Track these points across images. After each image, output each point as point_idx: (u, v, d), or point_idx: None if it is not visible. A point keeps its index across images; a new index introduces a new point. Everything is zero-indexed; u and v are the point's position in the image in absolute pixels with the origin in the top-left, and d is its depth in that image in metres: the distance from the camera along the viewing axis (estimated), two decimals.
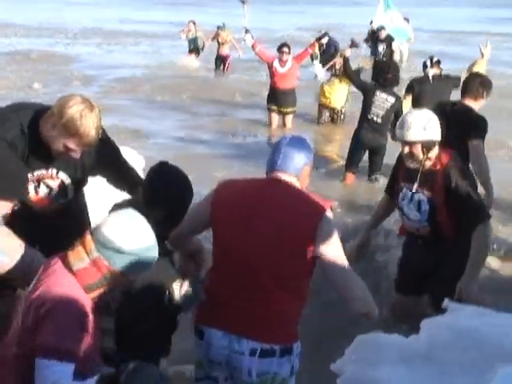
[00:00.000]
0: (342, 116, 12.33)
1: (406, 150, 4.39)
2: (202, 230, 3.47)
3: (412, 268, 4.83)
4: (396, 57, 17.63)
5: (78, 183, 3.70)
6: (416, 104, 8.57)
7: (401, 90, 9.47)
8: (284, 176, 3.24)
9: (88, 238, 2.66)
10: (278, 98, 11.91)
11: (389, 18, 16.30)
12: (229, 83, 17.93)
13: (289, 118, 12.13)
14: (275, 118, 12.10)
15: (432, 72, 9.04)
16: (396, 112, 8.23)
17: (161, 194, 3.18)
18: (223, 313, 3.16)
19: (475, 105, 5.98)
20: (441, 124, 4.51)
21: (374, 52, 17.73)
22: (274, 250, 3.13)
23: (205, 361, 3.26)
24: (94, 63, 20.53)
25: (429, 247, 4.69)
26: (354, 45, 11.13)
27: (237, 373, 3.18)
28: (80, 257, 2.66)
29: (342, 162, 9.46)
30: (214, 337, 3.17)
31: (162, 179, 3.24)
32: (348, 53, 10.17)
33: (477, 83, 5.97)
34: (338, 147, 11.24)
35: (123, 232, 2.63)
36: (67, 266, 2.67)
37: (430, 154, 4.40)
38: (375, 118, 8.41)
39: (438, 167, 4.42)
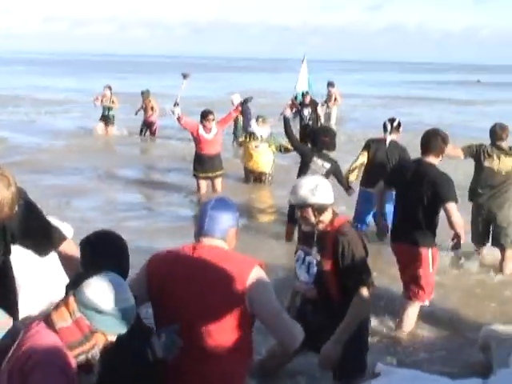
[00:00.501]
0: (270, 177, 12.96)
1: (298, 213, 4.57)
2: (145, 298, 3.49)
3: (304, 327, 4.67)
4: (321, 120, 18.01)
5: (4, 252, 3.62)
6: (371, 163, 8.82)
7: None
8: (211, 240, 3.37)
9: (71, 299, 2.81)
10: (205, 163, 12.00)
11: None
12: (156, 148, 18.03)
13: (218, 182, 12.23)
14: (203, 183, 12.15)
15: (390, 137, 8.90)
16: (335, 174, 8.54)
17: (101, 257, 3.28)
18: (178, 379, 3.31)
19: (437, 161, 6.12)
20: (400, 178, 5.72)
21: (300, 116, 18.08)
22: (209, 310, 3.24)
23: None
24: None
25: (317, 309, 4.71)
26: (294, 105, 11.56)
27: None
28: (63, 317, 2.79)
29: (277, 218, 10.19)
30: None
31: (101, 243, 3.39)
32: (288, 113, 10.18)
33: (439, 140, 6.10)
34: (269, 206, 11.95)
35: (104, 294, 2.79)
36: (50, 324, 2.80)
37: (321, 218, 4.50)
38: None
39: (330, 231, 4.52)
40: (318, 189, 4.48)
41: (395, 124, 8.94)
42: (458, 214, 5.86)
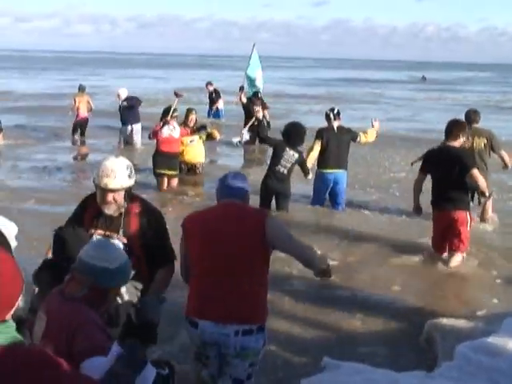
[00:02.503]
0: (201, 168, 13.31)
1: (110, 197, 4.30)
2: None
3: None
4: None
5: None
6: (325, 149, 10.29)
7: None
8: (235, 200, 4.26)
9: (75, 272, 3.22)
10: (167, 161, 12.12)
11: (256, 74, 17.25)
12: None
13: (176, 180, 12.37)
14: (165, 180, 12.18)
15: (336, 123, 10.51)
16: (300, 162, 10.00)
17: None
18: (210, 306, 4.07)
19: (457, 143, 7.96)
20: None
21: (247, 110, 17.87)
22: (239, 249, 4.10)
23: (200, 344, 4.16)
24: None
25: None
26: (265, 107, 12.33)
27: (225, 349, 4.11)
28: (77, 288, 3.19)
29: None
30: (205, 326, 4.08)
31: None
32: (260, 114, 12.40)
33: (457, 128, 7.94)
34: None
35: (103, 256, 3.22)
36: (69, 296, 3.19)
37: (126, 199, 4.40)
38: (282, 170, 9.93)
39: (133, 211, 4.43)
40: (132, 171, 4.37)
41: (335, 112, 10.57)
42: (481, 178, 7.76)
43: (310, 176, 10.36)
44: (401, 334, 6.14)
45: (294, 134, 9.83)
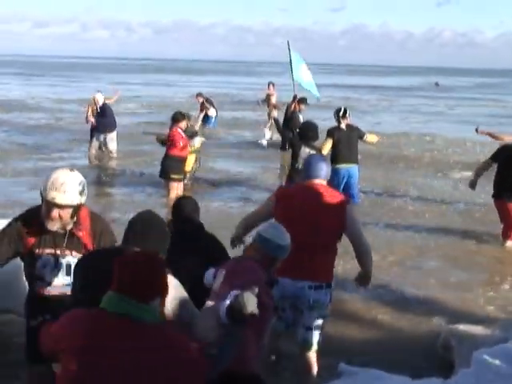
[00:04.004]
0: (191, 175, 13.21)
1: (56, 213, 3.96)
2: (265, 220, 5.06)
3: None
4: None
5: None
6: (336, 147, 10.99)
7: None
8: (319, 180, 5.12)
9: (254, 244, 4.22)
10: (182, 166, 12.08)
11: (301, 73, 15.73)
12: None
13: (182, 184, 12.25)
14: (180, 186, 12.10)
15: (344, 123, 11.21)
16: None
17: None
18: (289, 265, 4.50)
19: None
20: None
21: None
22: (320, 222, 4.94)
23: (278, 297, 4.77)
24: None
25: None
26: (276, 107, 12.46)
27: (300, 301, 4.97)
28: (253, 253, 4.15)
29: None
30: (285, 282, 4.85)
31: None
32: (275, 114, 13.14)
33: None
34: None
35: (280, 235, 4.22)
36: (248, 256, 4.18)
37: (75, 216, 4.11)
38: (301, 166, 9.67)
39: (83, 228, 4.17)
40: (84, 188, 4.06)
41: (341, 113, 11.25)
42: None
43: None
44: (417, 340, 6.13)
45: (308, 131, 10.07)
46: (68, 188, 3.92)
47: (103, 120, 16.05)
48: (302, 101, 16.83)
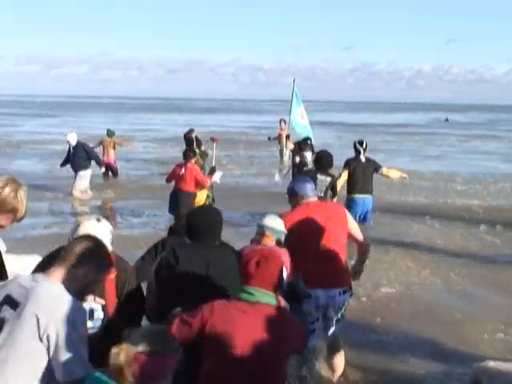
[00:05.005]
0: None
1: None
2: None
3: None
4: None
5: None
6: (351, 177, 11.52)
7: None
8: (314, 198, 5.75)
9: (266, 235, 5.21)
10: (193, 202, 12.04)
11: (300, 114, 15.87)
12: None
13: None
14: None
15: (364, 155, 11.72)
16: (332, 184, 10.34)
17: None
18: (318, 278, 5.32)
19: None
20: None
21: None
22: (332, 233, 5.53)
23: (313, 309, 5.45)
24: None
25: None
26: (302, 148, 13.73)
27: (331, 307, 5.54)
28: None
29: None
30: (319, 293, 5.42)
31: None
32: (291, 146, 13.90)
33: None
34: None
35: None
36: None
37: None
38: (319, 194, 10.11)
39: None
40: (113, 236, 4.16)
41: (364, 146, 11.78)
42: None
43: (336, 199, 10.62)
44: (447, 378, 6.05)
45: (323, 159, 10.28)
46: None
47: (74, 159, 16.45)
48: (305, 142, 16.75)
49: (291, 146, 14.47)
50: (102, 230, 4.00)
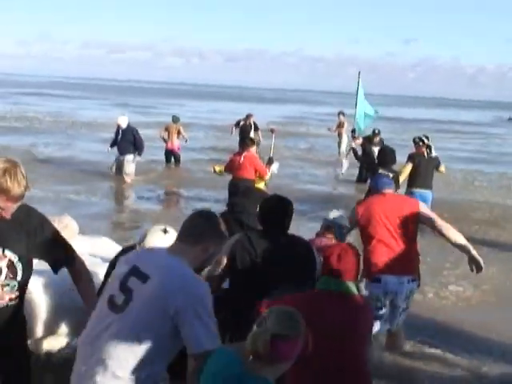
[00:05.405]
0: None
1: None
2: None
3: None
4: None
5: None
6: (415, 171, 11.49)
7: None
8: (389, 190, 6.13)
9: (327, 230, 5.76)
10: None
11: (364, 107, 15.27)
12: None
13: None
14: None
15: (425, 149, 11.70)
16: (395, 179, 10.28)
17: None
18: (388, 264, 5.67)
19: None
20: None
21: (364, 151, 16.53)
22: (402, 223, 5.82)
23: (382, 294, 5.78)
24: None
25: None
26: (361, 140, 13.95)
27: (399, 294, 5.82)
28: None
29: None
30: (388, 279, 5.75)
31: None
32: (358, 141, 13.66)
33: None
34: None
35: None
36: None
37: None
38: None
39: None
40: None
41: (426, 140, 11.80)
42: None
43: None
44: None
45: (385, 155, 10.36)
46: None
47: (121, 143, 16.51)
48: (374, 135, 16.67)
49: (359, 141, 14.12)
50: (168, 243, 3.92)
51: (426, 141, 11.84)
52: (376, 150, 13.68)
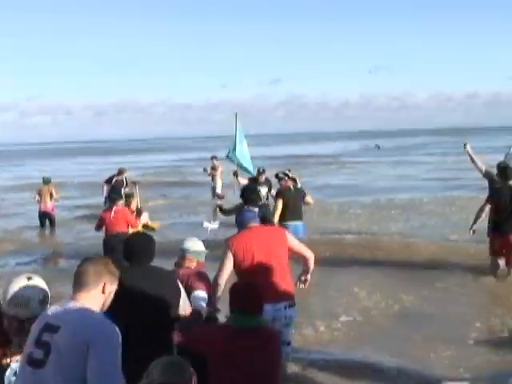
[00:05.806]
0: None
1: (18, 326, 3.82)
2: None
3: None
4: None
5: None
6: (284, 205, 11.74)
7: None
8: (256, 223, 6.36)
9: (189, 257, 5.86)
10: None
11: (245, 148, 15.00)
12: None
13: None
14: None
15: (290, 183, 12.00)
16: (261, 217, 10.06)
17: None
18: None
19: None
20: None
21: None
22: (274, 252, 6.07)
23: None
24: None
25: None
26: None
27: (277, 320, 5.90)
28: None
29: None
30: (265, 307, 5.09)
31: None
32: (243, 182, 13.52)
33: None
34: None
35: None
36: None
37: None
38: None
39: None
40: (47, 297, 3.89)
41: (291, 174, 12.09)
42: None
43: None
44: None
45: (251, 193, 10.08)
46: (31, 303, 3.78)
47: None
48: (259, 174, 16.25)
49: (243, 181, 13.99)
50: (33, 293, 3.80)
51: (290, 174, 12.20)
52: (263, 189, 13.78)
